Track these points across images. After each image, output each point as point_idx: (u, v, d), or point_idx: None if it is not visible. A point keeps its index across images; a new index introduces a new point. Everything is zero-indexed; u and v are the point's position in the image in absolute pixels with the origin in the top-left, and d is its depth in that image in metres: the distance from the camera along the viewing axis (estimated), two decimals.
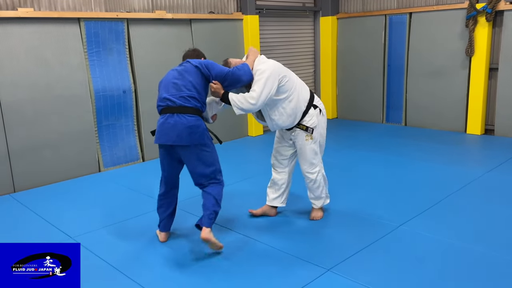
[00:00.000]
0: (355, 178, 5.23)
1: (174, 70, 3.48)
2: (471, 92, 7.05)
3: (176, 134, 3.28)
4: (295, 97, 3.58)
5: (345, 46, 8.58)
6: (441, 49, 7.29)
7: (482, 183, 4.87)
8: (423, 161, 5.71)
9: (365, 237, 3.64)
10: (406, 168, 5.49)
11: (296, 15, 8.37)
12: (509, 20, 6.58)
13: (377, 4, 8.14)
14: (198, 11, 6.74)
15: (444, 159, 5.75)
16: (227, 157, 6.28)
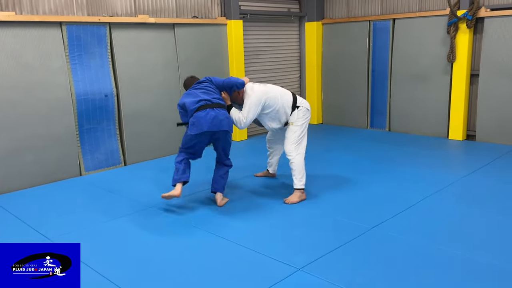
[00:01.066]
0: (334, 181, 5.41)
1: (193, 89, 4.65)
2: (452, 98, 7.30)
3: (219, 122, 4.40)
4: (280, 107, 4.72)
5: (330, 52, 8.80)
6: (423, 55, 7.54)
7: (459, 186, 5.08)
8: (402, 165, 5.92)
9: (337, 238, 3.82)
10: (386, 172, 5.68)
11: (281, 20, 8.58)
12: (490, 27, 6.84)
13: (362, 10, 8.39)
14: (182, 16, 6.92)
15: (424, 164, 5.96)
16: (207, 163, 6.45)
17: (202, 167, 5.68)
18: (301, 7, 8.84)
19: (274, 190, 5.14)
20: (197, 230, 4.09)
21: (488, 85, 6.97)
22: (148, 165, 6.39)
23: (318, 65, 8.89)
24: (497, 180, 5.23)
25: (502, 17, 6.69)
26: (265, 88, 4.73)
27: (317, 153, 6.71)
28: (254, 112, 4.62)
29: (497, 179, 5.28)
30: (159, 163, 6.48)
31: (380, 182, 5.30)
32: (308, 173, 4.92)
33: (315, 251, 3.61)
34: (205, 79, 4.72)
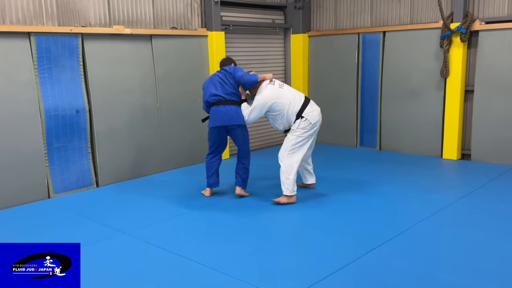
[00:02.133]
0: (324, 203, 5.47)
1: (216, 75, 5.54)
2: (446, 115, 7.46)
3: (228, 117, 5.36)
4: (284, 114, 5.37)
5: (317, 65, 8.94)
6: (415, 69, 7.71)
7: (454, 209, 5.17)
8: (395, 186, 6.01)
9: (329, 264, 3.85)
10: (378, 194, 5.76)
11: (265, 32, 8.71)
12: (484, 40, 7.03)
13: (350, 22, 8.57)
14: (160, 27, 6.98)
15: (418, 185, 6.06)
16: (185, 184, 6.45)
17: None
18: (286, 19, 8.99)
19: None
20: (153, 247, 4.09)
21: (483, 101, 7.14)
22: (122, 186, 6.36)
23: (304, 79, 9.01)
24: (495, 202, 5.35)
25: (497, 30, 6.89)
26: (277, 92, 5.39)
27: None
28: (255, 114, 5.41)
29: (495, 201, 5.40)
30: (135, 184, 6.46)
31: (371, 205, 5.37)
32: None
33: (305, 279, 3.63)
34: (228, 69, 5.52)
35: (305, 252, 4.18)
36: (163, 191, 6.07)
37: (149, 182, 6.56)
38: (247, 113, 5.43)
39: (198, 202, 5.59)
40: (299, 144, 5.37)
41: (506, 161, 7.00)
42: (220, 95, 5.41)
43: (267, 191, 5.88)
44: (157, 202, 5.63)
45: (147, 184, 6.48)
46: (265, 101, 5.35)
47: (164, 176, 6.86)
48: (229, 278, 3.67)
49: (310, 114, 5.38)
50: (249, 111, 5.42)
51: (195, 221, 5.02)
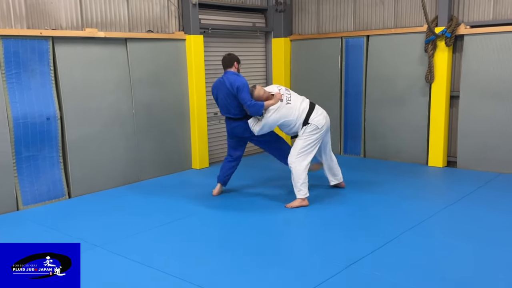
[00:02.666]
0: (304, 212, 5.49)
1: (221, 93, 5.92)
2: (431, 122, 7.56)
3: (238, 132, 5.98)
4: (294, 125, 5.75)
5: (299, 70, 9.00)
6: (400, 74, 7.80)
7: (440, 218, 5.23)
8: (380, 195, 6.06)
9: (310, 278, 3.85)
10: (362, 203, 5.80)
11: (245, 36, 8.74)
12: (470, 45, 7.15)
13: (333, 26, 8.64)
14: (135, 30, 6.95)
15: (403, 193, 6.12)
16: (166, 192, 6.42)
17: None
18: (267, 22, 9.03)
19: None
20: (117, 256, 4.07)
21: (469, 107, 7.25)
22: (96, 197, 6.30)
23: (286, 85, 9.00)
24: (482, 211, 5.42)
25: (483, 34, 7.01)
26: (285, 111, 5.66)
27: (282, 182, 6.79)
28: (266, 130, 5.79)
29: (481, 209, 5.47)
30: (109, 194, 6.40)
31: (355, 214, 5.41)
32: (271, 207, 5.61)
33: None
34: (230, 85, 5.75)
35: (289, 264, 4.18)
36: (139, 202, 6.03)
37: (124, 193, 6.50)
38: (257, 129, 5.77)
39: (177, 213, 5.56)
40: (307, 148, 5.69)
41: (492, 169, 7.10)
42: (226, 116, 5.97)
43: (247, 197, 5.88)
44: (133, 214, 5.59)
45: (121, 195, 6.43)
46: (274, 121, 5.71)
47: (140, 187, 6.80)
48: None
49: (316, 119, 5.73)
50: (260, 128, 5.76)
51: (173, 234, 4.99)
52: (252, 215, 5.49)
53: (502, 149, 7.01)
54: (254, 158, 8.59)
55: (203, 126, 7.79)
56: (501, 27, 6.85)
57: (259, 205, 5.82)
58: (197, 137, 7.69)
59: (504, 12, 6.98)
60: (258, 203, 5.90)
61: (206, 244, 4.68)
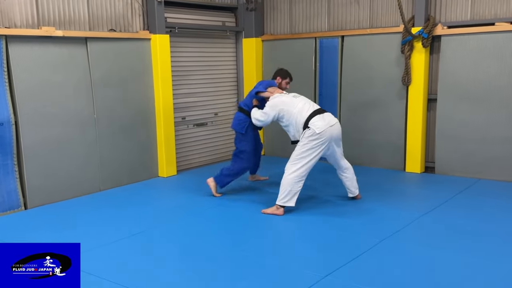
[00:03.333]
0: (277, 222, 5.48)
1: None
2: (409, 126, 7.65)
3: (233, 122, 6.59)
4: (292, 125, 5.79)
5: (272, 72, 8.90)
6: (376, 77, 7.88)
7: (418, 226, 5.30)
8: (356, 202, 6.11)
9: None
10: (337, 211, 5.83)
11: (215, 36, 8.71)
12: (447, 46, 7.26)
13: (306, 26, 8.69)
14: (96, 29, 6.86)
15: (379, 201, 6.17)
16: (128, 203, 6.34)
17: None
18: (237, 21, 9.03)
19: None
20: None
21: (447, 110, 7.36)
22: (54, 208, 6.17)
23: None
24: (460, 218, 5.50)
25: (460, 35, 7.13)
26: (289, 100, 5.88)
27: (257, 189, 6.78)
28: (267, 116, 5.91)
29: (460, 216, 5.56)
30: (69, 205, 6.28)
31: (329, 224, 5.42)
32: (241, 213, 5.71)
33: None
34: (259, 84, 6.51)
35: (261, 275, 4.16)
36: (100, 214, 5.93)
37: (84, 204, 6.38)
38: (259, 113, 5.98)
39: (140, 226, 5.48)
40: (304, 155, 5.64)
41: (471, 174, 7.22)
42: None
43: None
44: (93, 227, 5.49)
45: (82, 205, 6.30)
46: (275, 104, 5.88)
47: (102, 197, 6.69)
48: None
49: (316, 123, 5.64)
50: (261, 112, 5.97)
51: (135, 247, 4.92)
52: (223, 224, 5.47)
53: (481, 154, 7.13)
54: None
55: (170, 131, 7.72)
56: (478, 28, 6.96)
57: (230, 214, 5.80)
58: (164, 143, 7.61)
59: (482, 12, 7.10)
60: (229, 212, 5.87)
61: (170, 258, 4.64)
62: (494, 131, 7.00)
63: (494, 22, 6.89)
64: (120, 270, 4.33)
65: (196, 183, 7.20)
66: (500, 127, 6.96)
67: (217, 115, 8.83)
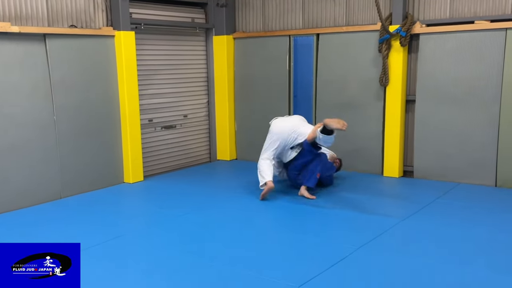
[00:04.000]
0: (249, 230, 5.47)
1: None
2: (386, 128, 7.71)
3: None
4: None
5: (244, 72, 9.00)
6: (353, 77, 7.92)
7: (395, 233, 5.32)
8: (331, 209, 6.12)
9: None
10: (312, 218, 5.84)
11: (183, 33, 8.66)
12: (426, 44, 7.33)
13: (280, 23, 8.69)
14: (56, 24, 6.75)
15: (356, 207, 6.19)
16: (91, 211, 6.24)
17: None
18: (207, 17, 8.99)
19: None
20: None
21: (425, 112, 7.43)
22: (10, 217, 6.04)
23: (230, 88, 9.03)
24: (439, 224, 5.56)
25: (439, 33, 7.20)
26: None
27: (228, 197, 6.76)
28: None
29: (439, 222, 5.61)
30: (26, 213, 6.16)
31: (305, 230, 5.43)
32: (211, 221, 5.77)
33: None
34: None
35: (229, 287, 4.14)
36: (60, 223, 5.83)
37: (43, 212, 6.26)
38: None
39: (104, 235, 5.40)
40: (267, 144, 6.80)
41: (451, 178, 7.30)
42: None
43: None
44: (53, 236, 5.38)
45: (41, 213, 6.19)
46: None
47: (63, 204, 6.58)
48: None
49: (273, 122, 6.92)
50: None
51: (97, 258, 4.84)
52: (189, 234, 5.42)
53: (461, 157, 7.20)
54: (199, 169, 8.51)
55: (136, 134, 7.63)
56: (458, 26, 7.02)
57: (199, 223, 5.76)
58: (129, 147, 7.52)
59: (461, 10, 7.16)
60: (198, 221, 5.83)
61: (134, 269, 4.57)
62: (474, 134, 7.08)
63: (474, 20, 6.95)
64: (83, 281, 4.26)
65: (163, 190, 7.15)
66: (480, 129, 7.03)
67: (186, 117, 8.78)
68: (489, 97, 6.94)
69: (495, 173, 7.01)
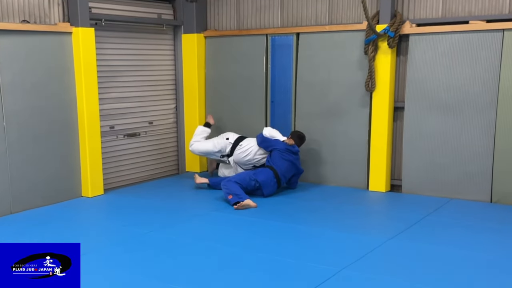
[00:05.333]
0: (222, 249, 5.46)
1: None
2: (372, 138, 7.69)
3: None
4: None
5: (216, 74, 8.98)
6: (336, 81, 7.90)
7: (382, 253, 5.35)
8: (313, 227, 6.15)
9: None
10: (290, 236, 5.86)
11: (149, 30, 8.61)
12: (416, 46, 7.33)
13: (256, 20, 8.66)
14: (5, 20, 6.67)
15: (340, 224, 6.23)
16: (44, 229, 6.14)
17: None
18: (175, 14, 8.95)
19: None
20: None
21: (415, 120, 7.43)
22: None
23: (200, 92, 9.00)
24: (429, 243, 5.59)
25: (431, 34, 7.20)
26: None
27: (200, 214, 6.73)
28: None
29: (429, 241, 5.65)
30: None
31: (282, 249, 5.43)
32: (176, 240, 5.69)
33: None
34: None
35: None
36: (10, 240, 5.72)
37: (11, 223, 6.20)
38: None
39: None
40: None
41: (442, 193, 7.32)
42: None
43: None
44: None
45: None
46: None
47: (12, 221, 6.47)
48: None
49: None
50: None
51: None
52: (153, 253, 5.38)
53: (454, 169, 7.21)
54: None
55: (96, 143, 7.55)
56: (451, 26, 7.03)
57: (162, 242, 5.72)
58: (88, 157, 7.44)
59: (455, 9, 7.17)
60: (162, 240, 5.80)
61: None
62: (468, 143, 7.08)
63: (468, 20, 6.95)
64: None
65: (126, 205, 7.11)
66: (474, 139, 7.04)
67: (152, 124, 8.73)
68: (484, 103, 6.94)
69: (491, 187, 7.02)
